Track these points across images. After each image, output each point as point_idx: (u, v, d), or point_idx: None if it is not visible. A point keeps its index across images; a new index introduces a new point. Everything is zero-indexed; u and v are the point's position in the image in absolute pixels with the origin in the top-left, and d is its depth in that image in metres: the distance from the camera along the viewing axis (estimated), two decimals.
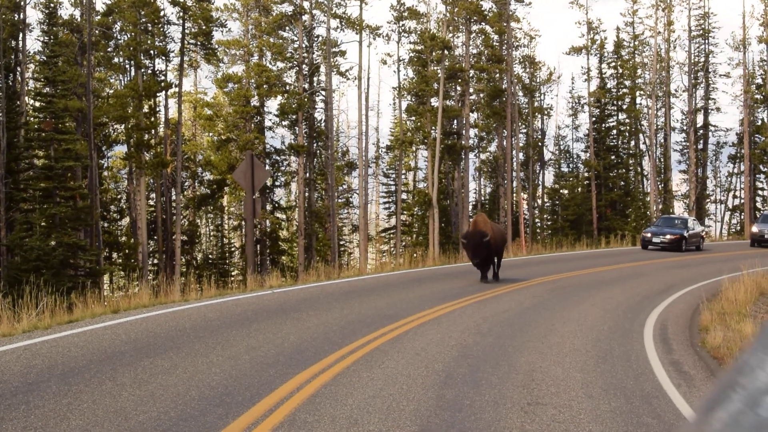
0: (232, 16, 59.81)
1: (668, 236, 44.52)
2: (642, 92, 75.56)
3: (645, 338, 15.62)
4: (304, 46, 59.35)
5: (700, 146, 77.46)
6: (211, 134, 62.51)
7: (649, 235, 45.74)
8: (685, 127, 76.87)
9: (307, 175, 60.64)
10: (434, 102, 61.69)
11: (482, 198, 78.76)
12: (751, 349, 1.79)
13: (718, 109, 78.05)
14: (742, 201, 76.26)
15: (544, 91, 79.88)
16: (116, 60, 57.70)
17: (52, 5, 48.59)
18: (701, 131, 77.51)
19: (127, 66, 57.84)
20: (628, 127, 75.57)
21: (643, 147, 77.54)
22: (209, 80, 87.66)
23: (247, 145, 52.60)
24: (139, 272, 46.71)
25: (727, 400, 1.69)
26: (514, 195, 69.83)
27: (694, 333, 16.74)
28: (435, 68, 61.66)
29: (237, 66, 59.48)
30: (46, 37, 49.08)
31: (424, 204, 61.56)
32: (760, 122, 75.02)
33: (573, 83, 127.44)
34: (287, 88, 59.10)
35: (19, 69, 49.63)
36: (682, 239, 44.40)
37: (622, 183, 73.94)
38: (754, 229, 50.40)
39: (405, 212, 68.71)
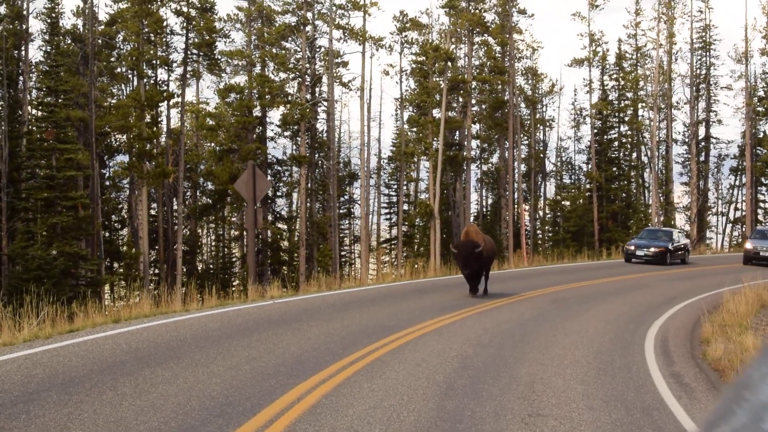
0: (235, 27, 60.01)
1: (652, 249, 43.27)
2: (644, 104, 75.68)
3: (646, 350, 15.62)
4: (306, 56, 59.42)
5: (702, 158, 77.44)
6: (213, 144, 62.54)
7: (632, 247, 44.43)
8: (686, 140, 76.83)
9: (309, 185, 60.68)
10: (436, 113, 61.75)
11: (484, 209, 78.77)
12: (755, 364, 1.79)
13: (719, 122, 78.05)
14: (744, 213, 76.24)
15: (546, 102, 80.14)
16: (119, 70, 57.82)
17: (54, 15, 48.67)
18: (703, 143, 77.50)
19: (130, 76, 57.95)
20: (629, 139, 75.69)
21: (644, 159, 77.69)
22: (211, 90, 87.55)
23: (248, 156, 52.62)
24: (140, 282, 46.69)
25: (731, 414, 1.69)
26: (516, 206, 69.90)
27: (695, 345, 16.73)
28: (437, 79, 61.73)
29: (239, 76, 59.72)
30: (48, 47, 49.19)
31: (426, 215, 61.54)
32: (761, 135, 74.91)
33: (575, 95, 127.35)
34: (289, 98, 59.16)
35: (21, 78, 49.70)
36: (666, 252, 43.28)
37: (624, 195, 74.01)
38: (748, 245, 46.38)
39: (406, 223, 68.69)
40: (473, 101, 67.97)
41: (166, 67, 55.34)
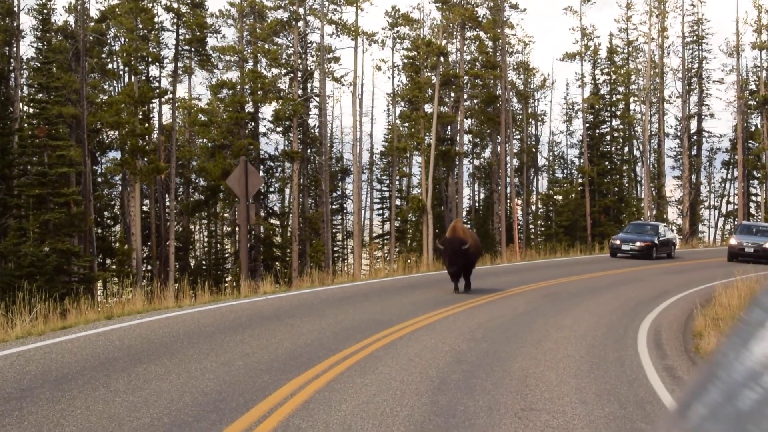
0: (227, 23, 59.99)
1: (638, 243, 42.60)
2: (636, 98, 75.69)
3: (639, 344, 15.62)
4: (298, 52, 59.39)
5: (694, 152, 77.51)
6: (205, 140, 62.48)
7: (618, 242, 43.69)
8: (678, 133, 76.94)
9: (301, 181, 60.65)
10: (428, 108, 61.80)
11: (476, 204, 78.79)
12: (729, 342, 1.80)
13: (711, 115, 78.11)
14: (736, 207, 76.35)
15: (538, 97, 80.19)
16: (110, 66, 57.74)
17: (45, 11, 48.54)
18: (695, 137, 77.56)
19: (121, 72, 57.88)
20: (621, 133, 75.77)
21: (636, 153, 77.78)
22: (204, 86, 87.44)
23: (241, 151, 52.58)
24: (133, 278, 46.60)
25: (705, 392, 1.70)
26: (509, 201, 69.95)
27: (688, 338, 16.74)
28: (429, 74, 61.78)
29: (231, 72, 59.67)
30: (39, 44, 49.07)
31: (418, 210, 61.56)
32: (753, 128, 75.05)
33: (567, 89, 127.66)
34: (281, 94, 59.14)
35: (12, 75, 49.57)
36: (652, 246, 42.64)
37: (616, 189, 74.10)
38: (733, 241, 44.01)
39: (399, 218, 68.72)
40: (465, 96, 67.98)
41: (158, 64, 55.28)
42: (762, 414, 1.51)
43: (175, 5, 53.81)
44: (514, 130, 73.08)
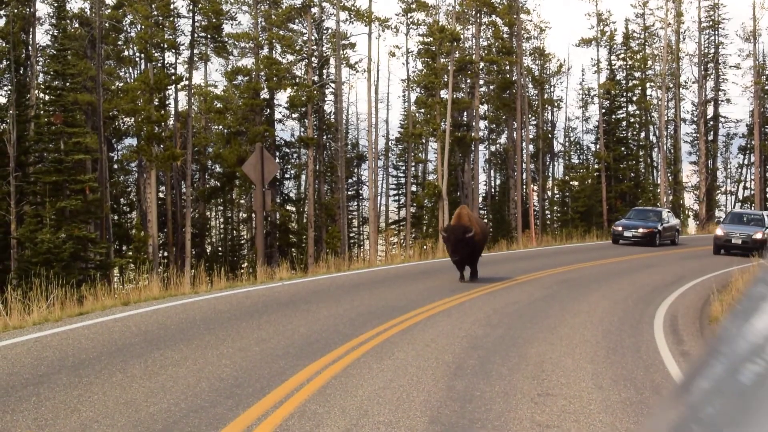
0: (242, 9, 59.83)
1: (641, 230, 41.96)
2: (652, 84, 75.35)
3: (655, 329, 15.60)
4: (313, 38, 59.37)
5: (711, 137, 77.22)
6: (220, 127, 62.53)
7: (620, 228, 43.01)
8: (695, 119, 76.68)
9: (317, 167, 60.67)
10: (444, 94, 61.61)
11: (492, 190, 78.67)
12: (732, 317, 1.79)
13: (728, 101, 77.78)
14: (753, 192, 76.08)
15: (554, 83, 79.77)
16: (126, 53, 57.78)
17: None
18: (711, 122, 77.27)
19: (137, 59, 57.90)
20: (638, 119, 75.42)
21: (653, 138, 77.42)
22: (219, 73, 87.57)
23: (256, 138, 52.59)
24: (149, 265, 46.70)
25: (709, 367, 1.69)
26: (524, 187, 69.79)
27: (705, 324, 16.71)
28: (444, 60, 61.57)
29: (247, 59, 59.67)
30: (55, 31, 49.10)
31: (434, 196, 61.50)
32: None
33: (583, 75, 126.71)
34: (297, 80, 59.11)
35: (29, 62, 49.65)
36: (655, 233, 41.96)
37: (632, 174, 73.75)
38: (719, 231, 39.72)
39: (415, 204, 68.68)
40: (481, 82, 67.84)
41: (174, 51, 55.34)
42: (765, 387, 1.51)
43: None
44: (530, 115, 72.88)
